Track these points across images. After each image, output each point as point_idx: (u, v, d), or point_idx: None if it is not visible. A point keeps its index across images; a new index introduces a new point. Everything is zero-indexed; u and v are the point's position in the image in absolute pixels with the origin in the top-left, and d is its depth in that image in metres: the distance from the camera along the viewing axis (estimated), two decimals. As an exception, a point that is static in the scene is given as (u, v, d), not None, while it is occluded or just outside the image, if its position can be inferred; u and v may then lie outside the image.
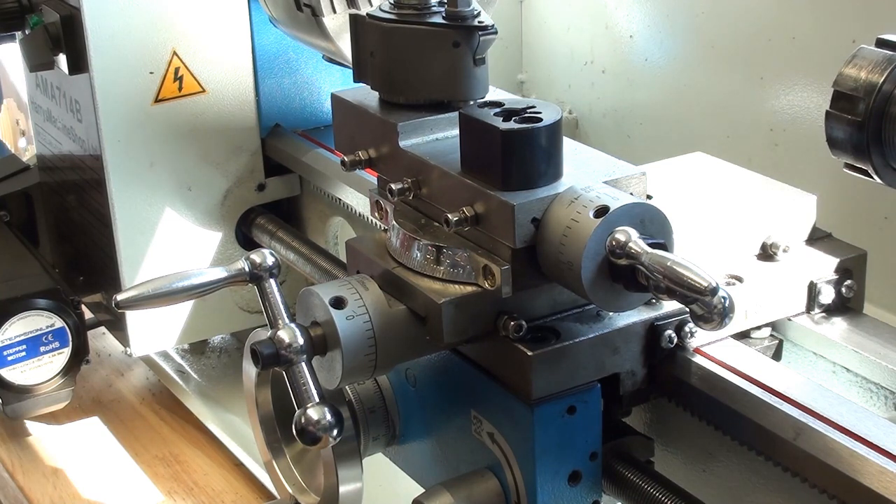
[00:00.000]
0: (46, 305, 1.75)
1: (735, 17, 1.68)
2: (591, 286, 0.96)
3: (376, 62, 1.14)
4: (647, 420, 1.15)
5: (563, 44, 2.02)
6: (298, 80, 1.78)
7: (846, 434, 0.96)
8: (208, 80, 1.70)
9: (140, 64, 1.66)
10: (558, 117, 1.02)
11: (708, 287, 0.90)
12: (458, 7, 1.11)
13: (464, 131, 1.05)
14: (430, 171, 1.08)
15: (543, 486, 1.05)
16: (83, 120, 1.72)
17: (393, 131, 1.12)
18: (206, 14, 1.68)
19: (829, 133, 0.96)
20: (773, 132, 1.63)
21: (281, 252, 1.71)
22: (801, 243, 1.18)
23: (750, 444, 1.03)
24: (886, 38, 0.94)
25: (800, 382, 1.04)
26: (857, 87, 0.93)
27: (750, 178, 1.24)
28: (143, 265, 1.74)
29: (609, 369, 1.06)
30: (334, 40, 1.47)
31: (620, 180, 1.04)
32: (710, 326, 0.93)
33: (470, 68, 1.12)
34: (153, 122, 1.69)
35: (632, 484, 1.08)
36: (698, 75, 1.76)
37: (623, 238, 0.94)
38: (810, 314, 1.15)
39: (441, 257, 1.05)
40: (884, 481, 0.91)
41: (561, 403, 1.03)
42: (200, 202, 1.76)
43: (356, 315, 1.04)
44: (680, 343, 1.08)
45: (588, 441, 1.06)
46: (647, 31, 1.84)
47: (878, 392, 1.10)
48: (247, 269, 1.11)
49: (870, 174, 0.95)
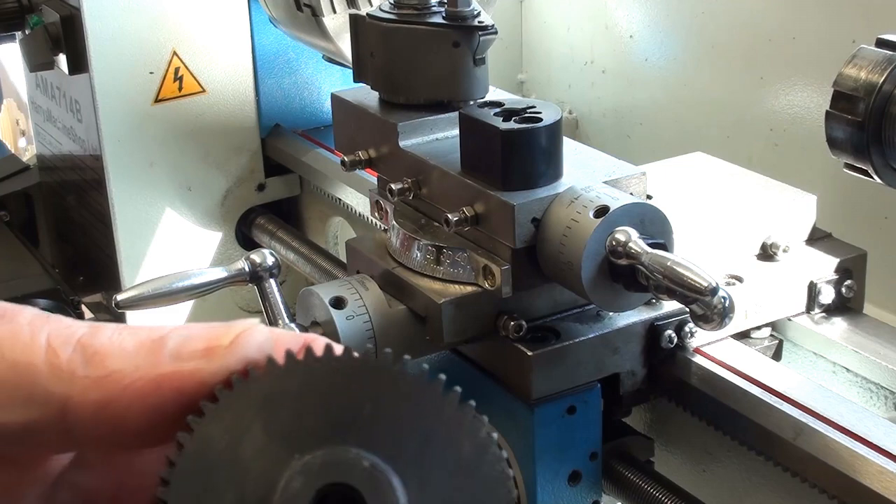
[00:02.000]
0: (46, 305, 1.75)
1: (735, 17, 1.68)
2: (591, 286, 0.96)
3: (376, 62, 1.14)
4: (647, 420, 1.15)
5: (563, 44, 2.02)
6: (298, 80, 1.78)
7: (846, 434, 0.96)
8: (208, 80, 1.70)
9: (140, 64, 1.66)
10: (558, 117, 1.02)
11: (708, 287, 0.90)
12: (458, 7, 1.11)
13: (464, 131, 1.05)
14: (430, 171, 1.08)
15: (543, 486, 1.05)
16: (83, 120, 1.72)
17: (393, 131, 1.11)
18: (206, 14, 1.68)
19: (829, 133, 0.96)
20: (773, 132, 1.63)
21: (281, 252, 1.71)
22: (801, 243, 1.18)
23: (750, 444, 1.03)
24: (886, 38, 0.94)
25: (800, 382, 1.04)
26: (857, 87, 0.93)
27: (750, 178, 1.24)
28: (143, 265, 1.73)
29: (609, 369, 1.06)
30: (334, 40, 1.46)
31: (620, 180, 1.04)
32: (710, 326, 0.94)
33: (470, 68, 1.12)
34: (153, 122, 1.69)
35: (632, 484, 1.08)
36: (698, 75, 1.76)
37: (623, 238, 0.94)
38: (810, 314, 1.15)
39: (441, 257, 1.05)
40: (884, 481, 0.91)
41: (561, 403, 1.03)
42: (200, 202, 1.76)
43: (356, 315, 1.04)
44: (680, 343, 1.08)
45: (588, 441, 1.06)
46: (647, 31, 1.84)
47: (878, 392, 1.10)
48: (247, 269, 1.11)
49: (870, 174, 0.95)
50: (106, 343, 0.47)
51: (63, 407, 0.46)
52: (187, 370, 0.46)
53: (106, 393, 0.46)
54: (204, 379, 0.46)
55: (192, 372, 0.46)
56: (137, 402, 0.46)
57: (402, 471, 0.44)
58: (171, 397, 0.46)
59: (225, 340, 0.47)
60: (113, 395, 0.46)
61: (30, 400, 0.46)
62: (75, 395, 0.46)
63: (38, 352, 0.47)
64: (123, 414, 0.46)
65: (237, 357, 0.47)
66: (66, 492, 0.52)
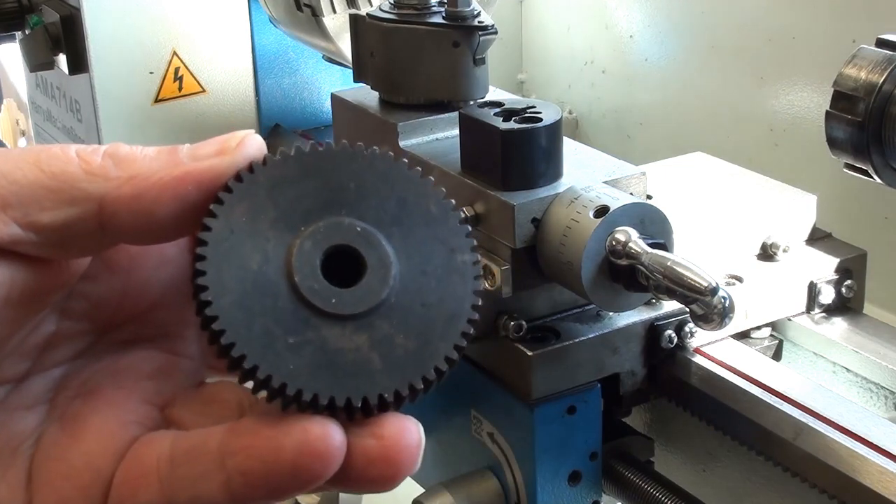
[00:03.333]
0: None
1: (735, 17, 1.68)
2: (591, 286, 0.96)
3: (376, 62, 1.14)
4: (647, 420, 1.15)
5: (563, 44, 2.02)
6: (298, 80, 1.78)
7: (846, 434, 0.96)
8: (208, 80, 1.70)
9: (140, 64, 1.66)
10: (558, 117, 1.02)
11: (708, 287, 0.90)
12: (458, 7, 1.11)
13: (464, 131, 1.05)
14: (430, 171, 1.08)
15: (543, 486, 1.05)
16: (83, 120, 1.72)
17: (393, 131, 1.11)
18: (206, 14, 1.68)
19: (829, 133, 0.96)
20: (773, 132, 1.63)
21: (281, 252, 1.70)
22: (801, 243, 1.18)
23: (750, 444, 1.03)
24: (886, 38, 0.94)
25: (800, 382, 1.04)
26: (857, 87, 0.93)
27: (750, 178, 1.24)
28: (143, 265, 1.73)
29: (609, 369, 1.06)
30: (334, 40, 1.46)
31: (620, 180, 1.04)
32: (710, 326, 0.93)
33: (470, 68, 1.12)
34: (153, 122, 1.69)
35: (632, 484, 1.08)
36: (698, 75, 1.76)
37: (623, 238, 0.94)
38: (810, 314, 1.15)
39: (441, 257, 1.05)
40: (884, 481, 0.91)
41: (561, 403, 1.03)
42: (200, 202, 1.76)
43: (356, 315, 1.04)
44: (680, 343, 1.08)
45: (588, 441, 1.06)
46: (647, 31, 1.84)
47: (878, 392, 1.10)
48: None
49: (870, 174, 0.95)
50: (129, 152, 0.56)
51: (100, 203, 0.54)
52: (204, 166, 0.55)
53: (136, 188, 0.54)
54: (218, 173, 0.55)
55: (208, 167, 0.55)
56: (165, 194, 0.54)
57: (386, 230, 0.55)
58: (193, 189, 0.54)
59: (232, 143, 0.56)
60: (143, 190, 0.54)
61: (72, 200, 0.54)
62: (110, 192, 0.54)
63: (72, 161, 0.54)
64: (153, 206, 0.54)
65: (244, 154, 0.56)
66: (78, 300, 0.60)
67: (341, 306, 0.53)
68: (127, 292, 0.61)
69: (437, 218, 0.57)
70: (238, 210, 0.54)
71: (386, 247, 0.55)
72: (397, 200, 0.56)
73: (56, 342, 0.60)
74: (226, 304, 0.52)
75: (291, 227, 0.54)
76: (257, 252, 0.53)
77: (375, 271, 0.54)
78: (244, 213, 0.54)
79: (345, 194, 0.55)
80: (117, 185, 0.54)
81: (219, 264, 0.53)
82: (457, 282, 0.56)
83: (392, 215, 0.56)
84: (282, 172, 0.55)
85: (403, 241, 0.55)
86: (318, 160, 0.56)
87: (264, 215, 0.54)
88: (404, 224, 0.56)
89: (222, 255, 0.53)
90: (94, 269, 0.60)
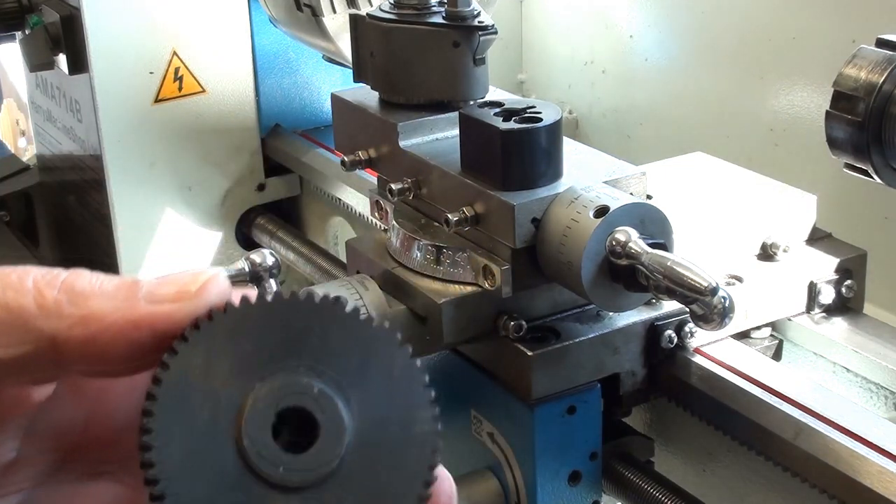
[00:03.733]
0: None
1: (735, 17, 1.68)
2: (591, 286, 0.96)
3: (376, 62, 1.14)
4: (647, 420, 1.15)
5: (563, 44, 2.02)
6: (298, 80, 1.78)
7: (846, 434, 0.96)
8: (208, 80, 1.70)
9: (140, 64, 1.66)
10: (558, 117, 1.02)
11: (708, 287, 0.90)
12: (458, 7, 1.11)
13: (464, 131, 1.05)
14: (430, 171, 1.08)
15: (543, 486, 1.05)
16: (83, 120, 1.72)
17: (393, 131, 1.11)
18: (206, 14, 1.68)
19: (829, 133, 0.96)
20: (773, 132, 1.63)
21: (281, 252, 1.71)
22: (801, 243, 1.18)
23: (750, 444, 1.03)
24: (886, 38, 0.94)
25: (800, 382, 1.04)
26: (857, 87, 0.93)
27: (750, 178, 1.24)
28: (143, 265, 1.73)
29: (609, 369, 1.06)
30: (334, 40, 1.46)
31: (620, 180, 1.04)
32: (710, 326, 0.93)
33: (470, 68, 1.12)
34: (153, 122, 1.69)
35: (632, 484, 1.08)
36: (698, 75, 1.76)
37: (623, 238, 0.94)
38: (810, 314, 1.15)
39: (441, 257, 1.05)
40: (884, 481, 0.91)
41: (561, 403, 1.03)
42: (200, 202, 1.76)
43: (356, 315, 1.04)
44: (680, 343, 1.08)
45: (588, 441, 1.06)
46: (647, 31, 1.84)
47: (878, 392, 1.10)
48: (247, 269, 1.11)
49: (870, 174, 0.95)
50: (87, 285, 0.54)
51: (53, 341, 0.52)
52: (161, 312, 0.53)
53: (89, 329, 0.53)
54: (176, 321, 0.53)
55: (166, 314, 0.53)
56: (118, 338, 0.53)
57: (345, 392, 0.53)
58: (147, 334, 0.53)
59: (193, 287, 0.54)
60: (96, 332, 0.53)
61: (24, 337, 0.52)
62: (62, 331, 0.53)
63: (27, 294, 0.53)
64: (105, 348, 0.53)
65: (204, 301, 0.54)
66: (44, 422, 0.58)
67: (289, 475, 0.51)
68: (93, 418, 0.59)
69: (400, 382, 0.54)
70: (192, 363, 0.52)
71: (342, 412, 0.52)
72: (360, 360, 0.53)
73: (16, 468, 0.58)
74: (169, 467, 0.51)
75: (247, 382, 0.52)
76: (207, 410, 0.52)
77: (328, 438, 0.52)
78: (198, 366, 0.52)
79: (306, 349, 0.53)
80: (69, 325, 0.52)
81: (167, 422, 0.51)
82: (413, 456, 0.53)
83: (353, 376, 0.53)
84: (242, 322, 0.53)
85: (361, 406, 0.53)
86: (282, 310, 0.53)
87: (219, 368, 0.52)
88: (364, 387, 0.53)
89: (171, 412, 0.51)
90: (60, 392, 0.58)
